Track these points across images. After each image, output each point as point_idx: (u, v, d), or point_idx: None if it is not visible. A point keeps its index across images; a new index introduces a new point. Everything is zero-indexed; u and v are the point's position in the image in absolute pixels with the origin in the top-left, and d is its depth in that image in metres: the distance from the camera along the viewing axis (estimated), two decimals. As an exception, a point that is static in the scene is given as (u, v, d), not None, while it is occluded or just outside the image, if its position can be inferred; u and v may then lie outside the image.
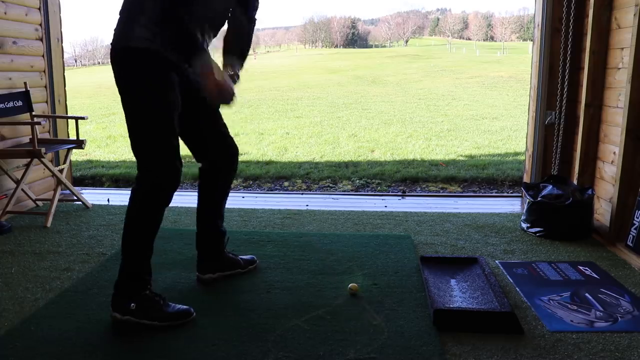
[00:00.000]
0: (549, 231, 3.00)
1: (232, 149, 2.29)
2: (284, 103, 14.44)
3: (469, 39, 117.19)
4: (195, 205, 2.38)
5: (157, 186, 1.95)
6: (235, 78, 2.15)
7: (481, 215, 3.48)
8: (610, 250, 2.81)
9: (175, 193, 2.02)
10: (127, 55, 1.91)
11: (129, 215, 1.99)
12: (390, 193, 4.55)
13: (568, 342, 1.89)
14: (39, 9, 3.73)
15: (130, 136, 1.96)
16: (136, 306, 1.94)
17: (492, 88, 17.88)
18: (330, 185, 5.03)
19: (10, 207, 3.25)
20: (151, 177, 1.95)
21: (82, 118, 3.83)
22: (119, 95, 1.95)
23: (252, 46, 2.24)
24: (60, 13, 3.97)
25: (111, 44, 1.96)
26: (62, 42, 4.01)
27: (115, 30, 1.96)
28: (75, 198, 3.69)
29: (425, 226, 3.26)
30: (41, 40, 3.76)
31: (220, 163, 2.28)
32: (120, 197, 4.00)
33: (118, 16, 1.97)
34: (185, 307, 2.04)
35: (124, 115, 1.96)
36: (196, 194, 2.37)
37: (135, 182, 1.98)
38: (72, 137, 4.04)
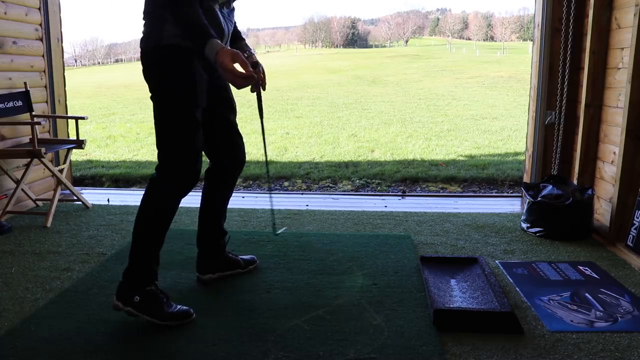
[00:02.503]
0: (549, 231, 3.00)
1: (241, 151, 2.31)
2: (284, 103, 14.44)
3: (469, 39, 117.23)
4: (195, 205, 2.38)
5: (181, 177, 1.97)
6: (253, 59, 2.12)
7: (481, 215, 3.48)
8: (610, 250, 2.81)
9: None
10: (158, 54, 1.92)
11: (147, 204, 1.99)
12: (390, 193, 4.55)
13: (568, 342, 1.89)
14: (39, 9, 3.73)
15: (156, 127, 1.97)
16: (140, 299, 1.94)
17: (492, 88, 17.88)
18: (330, 185, 5.03)
19: (10, 207, 3.25)
20: (176, 169, 1.97)
21: (82, 118, 3.84)
22: (150, 92, 1.97)
23: (252, 46, 2.24)
24: (60, 13, 3.98)
25: (142, 48, 1.97)
26: (62, 42, 4.01)
27: (143, 34, 1.97)
28: (75, 198, 3.69)
29: (425, 226, 3.26)
30: (41, 40, 3.76)
31: (228, 163, 2.29)
32: (120, 197, 4.01)
33: (144, 20, 1.98)
34: (185, 307, 2.04)
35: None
36: (196, 194, 2.37)
37: (158, 172, 1.99)
38: (72, 137, 4.04)
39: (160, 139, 1.98)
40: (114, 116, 11.58)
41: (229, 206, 2.42)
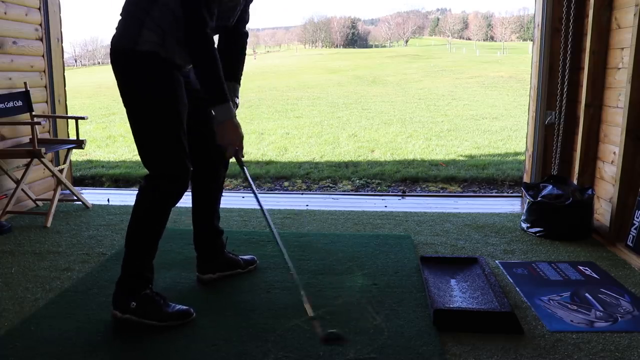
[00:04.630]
0: (549, 231, 3.00)
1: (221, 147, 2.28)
2: (284, 103, 14.44)
3: (469, 39, 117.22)
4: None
5: (170, 187, 1.95)
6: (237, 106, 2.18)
7: (481, 215, 3.48)
8: (610, 250, 2.81)
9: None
10: (135, 59, 1.87)
11: (137, 214, 1.98)
12: (390, 193, 4.55)
13: (568, 342, 1.89)
14: (39, 9, 3.73)
15: (138, 138, 1.94)
16: (136, 305, 1.94)
17: (492, 88, 17.87)
18: (330, 185, 5.03)
19: (10, 207, 3.25)
20: (165, 179, 1.94)
21: (82, 118, 3.84)
22: (121, 96, 1.93)
23: (252, 47, 2.24)
24: (60, 13, 3.97)
25: (113, 45, 1.92)
26: (62, 42, 4.01)
27: (118, 32, 1.93)
28: (75, 198, 3.69)
29: (425, 226, 3.26)
30: (41, 40, 3.76)
31: (218, 163, 2.28)
32: (120, 197, 4.01)
33: (120, 18, 1.94)
34: (185, 307, 2.04)
35: (126, 114, 1.95)
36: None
37: (145, 181, 1.97)
38: (72, 137, 4.04)
39: (147, 149, 1.95)
40: (114, 116, 11.57)
41: (229, 206, 2.42)
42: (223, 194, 2.45)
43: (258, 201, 2.08)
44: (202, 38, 1.84)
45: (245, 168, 2.05)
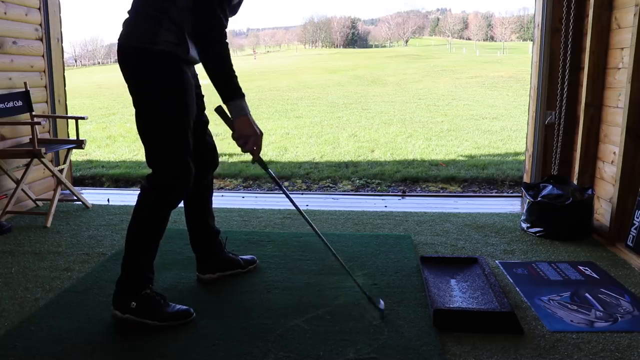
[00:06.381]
0: (549, 231, 3.00)
1: (212, 146, 2.29)
2: (284, 103, 14.44)
3: (469, 39, 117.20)
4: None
5: (173, 187, 1.95)
6: None
7: (481, 215, 3.48)
8: (610, 250, 2.81)
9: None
10: (151, 58, 1.87)
11: (138, 214, 1.97)
12: (390, 193, 4.55)
13: (568, 342, 1.89)
14: (39, 9, 3.73)
15: (147, 136, 1.94)
16: (137, 305, 1.94)
17: (492, 88, 17.87)
18: (330, 185, 5.03)
19: (10, 207, 3.25)
20: (169, 178, 1.94)
21: (82, 118, 3.84)
22: (131, 95, 1.94)
23: (252, 47, 2.24)
24: (60, 13, 3.98)
25: (124, 44, 1.91)
26: (62, 42, 4.01)
27: (128, 31, 1.91)
28: (75, 198, 3.69)
29: (425, 226, 3.26)
30: (41, 40, 3.76)
31: (208, 165, 2.28)
32: (120, 197, 4.01)
33: (131, 16, 1.92)
34: (185, 307, 2.04)
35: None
36: None
37: (148, 181, 1.97)
38: (72, 137, 4.05)
39: (155, 149, 1.94)
40: (114, 116, 11.56)
41: (229, 206, 2.42)
42: (223, 194, 2.46)
43: (278, 184, 2.28)
44: (220, 42, 1.87)
45: (266, 167, 2.19)
